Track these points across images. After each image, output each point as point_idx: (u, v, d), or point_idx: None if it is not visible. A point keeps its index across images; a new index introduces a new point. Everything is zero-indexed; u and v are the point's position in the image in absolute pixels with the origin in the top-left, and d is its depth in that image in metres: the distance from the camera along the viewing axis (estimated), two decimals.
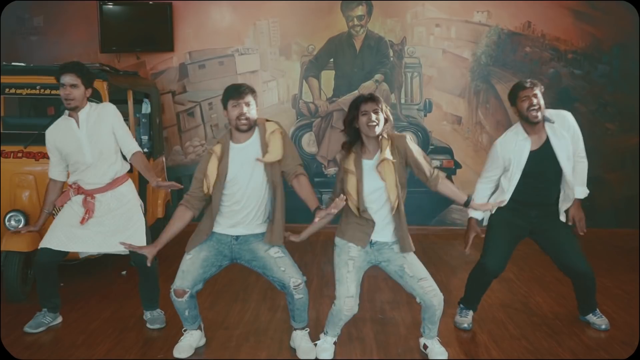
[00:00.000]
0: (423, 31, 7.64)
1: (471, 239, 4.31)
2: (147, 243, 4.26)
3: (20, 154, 5.15)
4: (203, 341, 4.18)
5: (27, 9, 7.72)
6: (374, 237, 3.76)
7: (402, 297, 5.18)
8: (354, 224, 3.76)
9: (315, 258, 6.25)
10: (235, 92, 3.74)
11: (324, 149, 7.72)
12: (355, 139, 3.75)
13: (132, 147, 4.32)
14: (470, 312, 4.54)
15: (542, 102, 4.09)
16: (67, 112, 4.27)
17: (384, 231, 3.77)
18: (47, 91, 5.38)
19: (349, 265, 3.77)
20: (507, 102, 7.42)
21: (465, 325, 4.48)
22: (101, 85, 5.39)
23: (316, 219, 3.60)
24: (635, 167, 7.54)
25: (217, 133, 7.74)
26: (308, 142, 7.75)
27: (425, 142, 7.63)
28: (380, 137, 3.70)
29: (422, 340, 4.02)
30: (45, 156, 4.95)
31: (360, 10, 7.62)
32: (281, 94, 7.72)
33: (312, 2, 7.60)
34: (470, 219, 4.34)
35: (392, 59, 7.65)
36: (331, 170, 7.70)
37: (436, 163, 7.56)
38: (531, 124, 4.12)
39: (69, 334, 4.36)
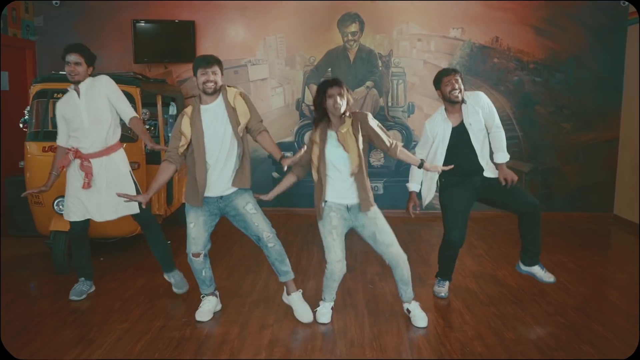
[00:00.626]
0: (407, 45, 7.60)
1: (411, 207, 4.28)
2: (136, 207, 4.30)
3: None
4: (219, 307, 4.18)
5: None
6: (346, 201, 3.79)
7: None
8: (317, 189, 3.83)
9: (315, 238, 6.22)
10: (204, 62, 3.75)
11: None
12: (322, 117, 3.77)
13: (128, 112, 4.28)
14: (447, 283, 4.51)
15: (462, 86, 4.08)
16: (72, 86, 4.24)
17: (349, 193, 3.78)
18: None
19: (333, 234, 3.81)
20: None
21: (442, 294, 4.46)
22: (135, 91, 5.36)
23: (284, 165, 3.70)
24: (587, 160, 7.53)
25: None
26: (309, 139, 7.70)
27: (408, 138, 7.59)
28: (344, 115, 3.73)
29: (405, 305, 4.02)
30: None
31: (354, 27, 7.57)
32: (287, 98, 7.68)
33: (313, 20, 7.55)
34: (411, 192, 4.31)
35: (380, 68, 7.61)
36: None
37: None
38: (452, 104, 4.10)
39: (107, 300, 4.35)
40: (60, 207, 4.95)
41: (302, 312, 4.01)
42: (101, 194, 4.23)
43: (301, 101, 7.64)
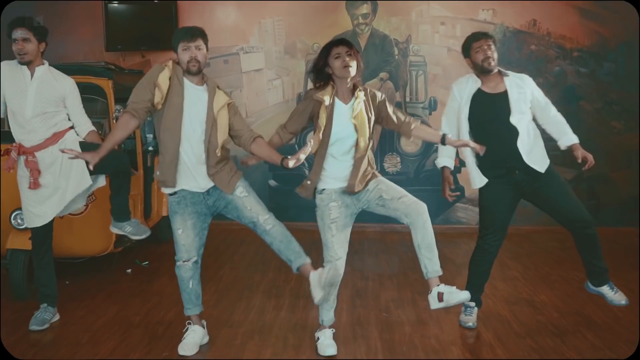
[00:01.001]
0: (428, 29, 7.64)
1: (447, 189, 4.30)
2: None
3: None
4: (207, 339, 4.17)
5: (27, 8, 7.73)
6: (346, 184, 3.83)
7: (406, 295, 5.18)
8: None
9: (319, 256, 6.23)
10: (187, 35, 3.78)
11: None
12: (327, 84, 3.77)
13: (87, 125, 4.35)
14: (475, 310, 4.50)
15: (495, 54, 4.13)
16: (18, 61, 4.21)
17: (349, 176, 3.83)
18: None
19: (332, 229, 3.85)
20: None
21: (470, 324, 4.45)
22: (106, 84, 5.41)
23: (287, 166, 3.66)
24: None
25: None
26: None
27: None
28: (354, 85, 3.77)
29: (435, 290, 3.84)
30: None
31: (365, 8, 7.62)
32: (286, 92, 7.72)
33: (317, 0, 7.59)
34: (444, 169, 4.33)
35: (397, 57, 7.65)
36: None
37: None
38: (486, 73, 4.14)
39: (74, 331, 4.37)
40: (19, 220, 4.96)
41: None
42: (51, 183, 4.25)
43: (302, 96, 7.68)
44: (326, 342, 3.98)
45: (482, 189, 4.30)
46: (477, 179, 4.30)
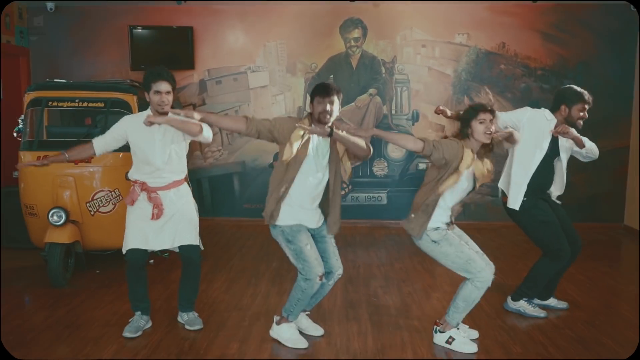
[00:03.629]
0: (411, 51, 7.66)
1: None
2: (195, 239, 4.04)
3: None
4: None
5: (63, 33, 7.76)
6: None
7: (392, 283, 5.21)
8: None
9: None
10: (323, 92, 3.66)
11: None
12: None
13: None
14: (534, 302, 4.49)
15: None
16: (151, 108, 3.93)
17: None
18: (85, 104, 5.42)
19: (466, 246, 3.76)
20: None
21: (543, 314, 4.40)
22: (131, 99, 5.43)
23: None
24: (597, 169, 7.54)
25: (232, 140, 7.77)
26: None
27: None
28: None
29: (449, 332, 3.83)
30: (83, 161, 4.97)
31: (356, 33, 7.65)
32: (288, 106, 7.74)
33: (315, 26, 7.62)
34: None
35: (384, 75, 7.67)
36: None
37: (423, 166, 7.58)
38: (570, 126, 4.23)
39: (104, 314, 4.39)
40: (55, 217, 4.98)
41: (312, 327, 4.03)
42: (167, 220, 3.96)
43: (302, 109, 7.70)
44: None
45: (531, 211, 4.29)
46: (517, 200, 4.30)
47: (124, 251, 3.98)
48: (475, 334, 3.97)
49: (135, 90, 5.55)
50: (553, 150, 4.30)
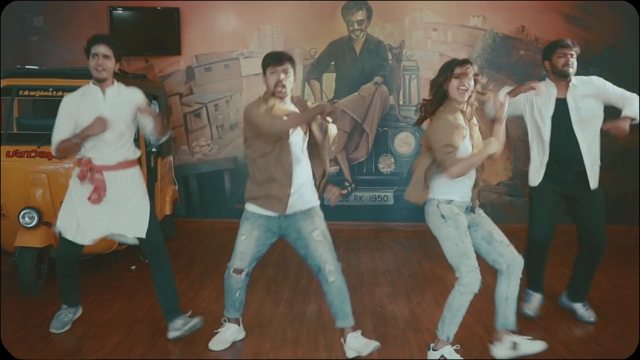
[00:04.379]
0: (421, 35, 7.65)
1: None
2: (151, 226, 4.08)
3: (33, 154, 5.15)
4: (242, 335, 4.18)
5: (27, 8, 7.72)
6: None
7: (400, 291, 5.20)
8: None
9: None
10: (274, 59, 3.76)
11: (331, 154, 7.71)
12: (442, 100, 3.75)
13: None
14: (536, 296, 4.58)
15: (575, 63, 4.24)
16: (92, 81, 4.07)
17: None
18: (60, 93, 5.39)
19: (469, 238, 3.71)
20: None
21: (528, 311, 4.52)
22: None
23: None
24: (626, 166, 7.54)
25: (222, 133, 7.76)
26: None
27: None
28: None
29: (509, 339, 3.86)
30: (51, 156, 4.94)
31: (360, 15, 7.63)
32: None
33: (314, 7, 7.60)
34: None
35: (391, 62, 7.66)
36: (332, 169, 7.70)
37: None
38: (563, 78, 4.23)
39: (81, 325, 4.38)
40: (26, 219, 4.96)
41: (365, 346, 3.92)
42: (109, 205, 4.03)
43: (306, 100, 7.68)
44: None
45: (532, 189, 4.41)
46: (534, 177, 4.41)
47: (55, 231, 4.13)
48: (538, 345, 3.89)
49: (115, 77, 5.52)
50: (562, 117, 4.26)
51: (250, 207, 3.86)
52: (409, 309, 4.78)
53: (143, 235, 4.05)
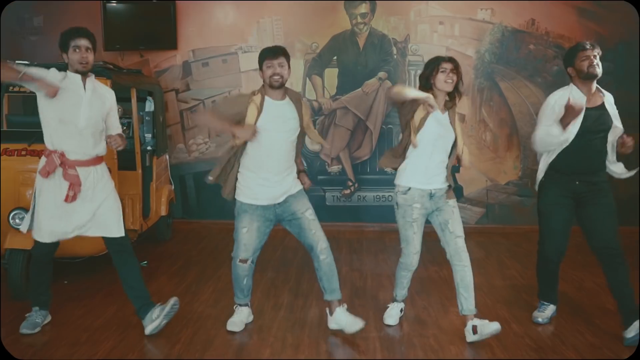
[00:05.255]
0: (426, 29, 7.64)
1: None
2: (122, 223, 4.23)
3: (24, 152, 5.15)
4: (251, 318, 4.55)
5: (27, 8, 7.73)
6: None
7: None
8: None
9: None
10: (271, 53, 4.13)
11: (327, 146, 7.71)
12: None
13: (119, 129, 4.38)
14: (550, 307, 4.61)
15: (600, 63, 4.26)
16: (69, 72, 4.11)
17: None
18: None
19: (413, 227, 4.24)
20: (511, 100, 7.43)
21: (540, 319, 4.56)
22: (105, 83, 5.39)
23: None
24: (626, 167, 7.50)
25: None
26: (311, 140, 7.73)
27: None
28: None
29: (470, 323, 4.17)
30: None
31: (363, 7, 7.62)
32: None
33: (316, 0, 7.59)
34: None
35: (395, 56, 7.65)
36: (334, 168, 7.70)
37: None
38: (591, 79, 4.26)
39: (73, 331, 4.37)
40: (17, 220, 4.95)
41: (351, 323, 4.21)
42: (85, 203, 4.13)
43: (302, 95, 7.68)
44: (391, 312, 4.57)
45: (542, 194, 4.41)
46: (537, 179, 4.47)
47: (33, 236, 4.17)
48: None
49: (109, 73, 5.53)
50: (585, 121, 4.25)
51: (245, 199, 4.20)
52: (414, 313, 4.77)
53: (122, 234, 4.22)
